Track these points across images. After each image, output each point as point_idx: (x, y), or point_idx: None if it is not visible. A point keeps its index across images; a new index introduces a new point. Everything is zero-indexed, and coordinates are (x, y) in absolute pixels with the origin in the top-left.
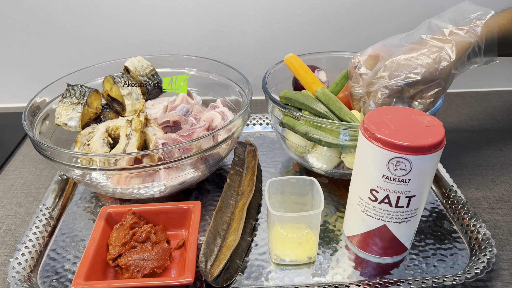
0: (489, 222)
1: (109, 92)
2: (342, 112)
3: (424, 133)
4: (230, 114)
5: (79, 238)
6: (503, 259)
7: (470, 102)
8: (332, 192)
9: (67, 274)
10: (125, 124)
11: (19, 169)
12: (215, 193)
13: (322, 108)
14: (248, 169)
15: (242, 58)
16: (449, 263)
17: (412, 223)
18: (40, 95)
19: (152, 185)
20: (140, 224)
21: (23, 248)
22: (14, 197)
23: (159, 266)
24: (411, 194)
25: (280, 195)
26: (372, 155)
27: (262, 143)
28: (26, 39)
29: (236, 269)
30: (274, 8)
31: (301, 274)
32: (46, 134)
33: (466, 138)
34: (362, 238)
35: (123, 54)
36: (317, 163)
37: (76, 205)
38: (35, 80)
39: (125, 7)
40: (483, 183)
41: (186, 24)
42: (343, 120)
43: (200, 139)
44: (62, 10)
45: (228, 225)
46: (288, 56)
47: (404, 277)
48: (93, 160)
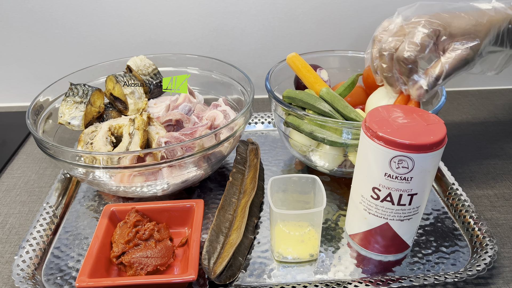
0: (491, 220)
1: (111, 91)
2: (348, 110)
3: (426, 131)
4: (232, 113)
5: (82, 236)
6: (504, 257)
7: (471, 101)
8: (334, 190)
9: (71, 271)
10: (128, 123)
11: (22, 167)
12: (217, 192)
13: (326, 107)
14: (250, 167)
15: (243, 57)
16: (450, 260)
17: (414, 221)
18: (43, 94)
19: (155, 184)
20: (143, 222)
21: (27, 246)
22: (17, 196)
23: (162, 264)
24: (413, 192)
25: (282, 193)
26: (374, 154)
27: (264, 141)
28: (28, 38)
29: (238, 266)
30: (276, 7)
31: (303, 271)
32: (50, 133)
33: (467, 136)
34: (364, 236)
35: (126, 53)
36: (320, 162)
37: (79, 203)
38: (38, 79)
39: (127, 7)
40: (485, 181)
41: (188, 23)
42: (349, 118)
43: (203, 138)
44: (65, 9)
45: (230, 223)
46: (290, 56)
47: (405, 275)
48: (96, 158)
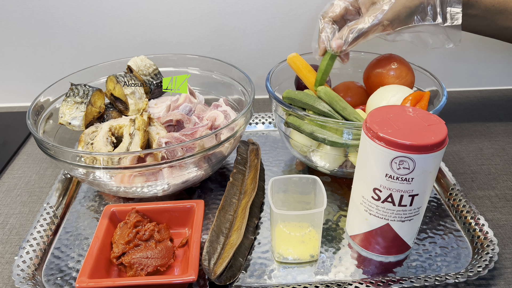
0: (492, 220)
1: (112, 91)
2: (347, 112)
3: (427, 132)
4: (233, 113)
5: (83, 236)
6: (505, 258)
7: (473, 101)
8: (334, 190)
9: (71, 272)
10: (128, 123)
11: (23, 168)
12: (218, 192)
13: (325, 107)
14: (251, 167)
15: (244, 57)
16: (451, 261)
17: (415, 222)
18: (44, 94)
19: (156, 184)
20: (143, 222)
21: (28, 246)
22: (18, 196)
23: (162, 264)
24: (414, 193)
25: (283, 194)
26: (375, 154)
27: (264, 141)
28: (29, 38)
29: (239, 267)
30: (277, 8)
31: (303, 272)
32: (50, 133)
33: (469, 136)
34: (365, 237)
35: (126, 53)
36: (321, 162)
37: (80, 203)
38: (38, 79)
39: (128, 7)
40: (486, 181)
41: (189, 23)
42: (347, 119)
43: (203, 138)
44: (65, 9)
45: (231, 224)
46: (291, 56)
47: (406, 275)
48: (97, 159)
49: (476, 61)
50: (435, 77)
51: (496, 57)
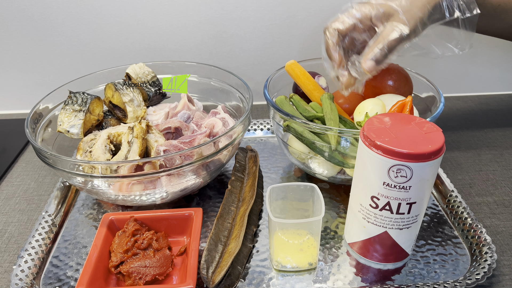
0: (490, 227)
1: (110, 99)
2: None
3: (424, 140)
4: (231, 120)
5: (81, 245)
6: (504, 264)
7: (471, 106)
8: (333, 197)
9: (69, 281)
10: (127, 131)
11: (21, 175)
12: (216, 199)
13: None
14: (249, 175)
15: (242, 63)
16: (450, 268)
17: (413, 229)
18: (43, 102)
19: (154, 192)
20: (142, 231)
21: (26, 255)
22: (16, 204)
23: (161, 273)
24: (412, 200)
25: (281, 201)
26: (373, 163)
27: (263, 148)
28: (28, 46)
29: (237, 275)
30: (275, 14)
31: (302, 280)
32: (49, 141)
33: (466, 142)
34: (363, 244)
35: (125, 60)
36: (319, 169)
37: (78, 212)
38: (37, 87)
39: (127, 14)
40: (484, 188)
41: (187, 30)
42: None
43: (201, 146)
44: (64, 17)
45: (229, 232)
46: (289, 63)
47: (405, 283)
48: (95, 167)
49: (473, 67)
50: (432, 83)
51: (493, 62)
